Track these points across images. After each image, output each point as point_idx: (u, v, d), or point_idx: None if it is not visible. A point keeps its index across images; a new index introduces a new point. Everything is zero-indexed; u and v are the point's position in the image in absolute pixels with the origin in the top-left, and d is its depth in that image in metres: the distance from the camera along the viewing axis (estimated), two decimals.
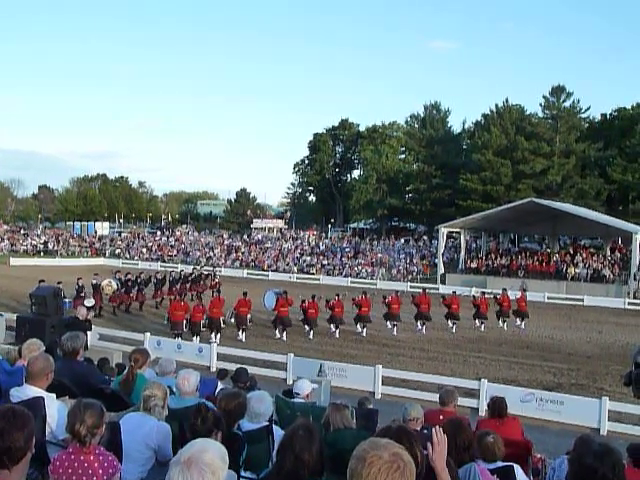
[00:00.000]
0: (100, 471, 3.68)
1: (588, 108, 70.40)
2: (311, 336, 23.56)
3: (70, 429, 3.78)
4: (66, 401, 5.29)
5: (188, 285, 33.37)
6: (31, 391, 4.93)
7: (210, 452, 2.40)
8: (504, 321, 28.32)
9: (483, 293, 29.89)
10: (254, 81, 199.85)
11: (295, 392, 7.43)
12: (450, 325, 26.79)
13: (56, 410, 4.83)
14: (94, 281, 28.10)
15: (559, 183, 65.38)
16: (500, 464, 5.14)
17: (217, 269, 43.70)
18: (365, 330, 24.76)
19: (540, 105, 70.27)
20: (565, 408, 13.70)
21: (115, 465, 3.76)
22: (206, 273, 37.01)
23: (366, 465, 2.12)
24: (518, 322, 28.63)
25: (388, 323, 25.77)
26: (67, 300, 24.65)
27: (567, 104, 68.56)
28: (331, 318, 24.45)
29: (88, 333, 15.59)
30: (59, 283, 23.13)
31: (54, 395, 5.08)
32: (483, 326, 27.45)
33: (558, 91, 68.49)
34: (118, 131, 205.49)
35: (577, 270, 45.94)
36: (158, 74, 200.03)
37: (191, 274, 35.49)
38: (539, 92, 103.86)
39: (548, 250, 52.96)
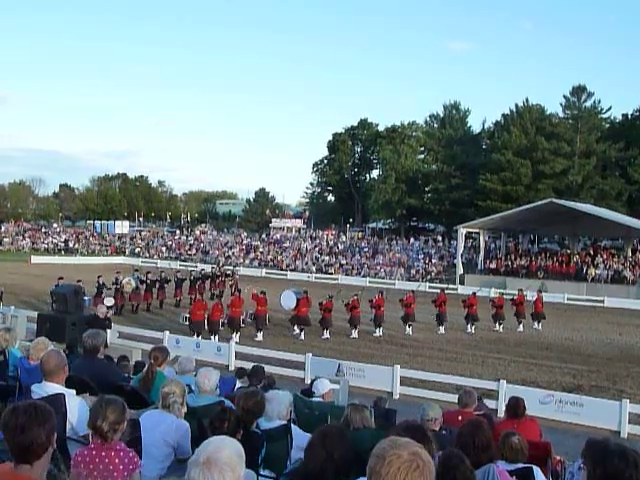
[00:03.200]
0: (121, 467, 3.71)
1: (609, 108, 69.79)
2: (327, 336, 23.52)
3: (92, 425, 3.82)
4: (86, 398, 5.34)
5: (208, 284, 33.45)
6: (51, 388, 4.98)
7: (227, 450, 2.41)
8: (520, 322, 28.08)
9: (502, 294, 29.68)
10: (274, 81, 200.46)
11: (313, 391, 7.44)
12: (469, 329, 26.55)
13: (76, 407, 4.88)
14: (116, 277, 28.31)
15: (579, 183, 64.77)
16: (520, 465, 5.11)
17: (236, 268, 43.45)
18: (381, 330, 24.70)
19: (561, 105, 69.78)
20: (585, 410, 13.57)
21: (136, 462, 3.80)
22: (228, 272, 36.97)
23: (385, 464, 2.12)
24: (535, 325, 28.39)
25: (407, 327, 25.51)
26: (87, 298, 24.89)
27: (588, 104, 67.94)
28: (351, 319, 24.32)
29: (108, 331, 15.73)
30: (79, 281, 23.36)
31: (74, 391, 5.13)
32: (502, 327, 27.29)
33: (579, 91, 67.88)
34: (138, 131, 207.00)
35: (597, 271, 45.55)
36: (178, 74, 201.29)
37: (211, 273, 35.55)
38: (560, 92, 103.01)
39: (568, 251, 52.56)
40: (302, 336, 23.11)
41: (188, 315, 23.23)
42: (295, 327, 23.68)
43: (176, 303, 30.28)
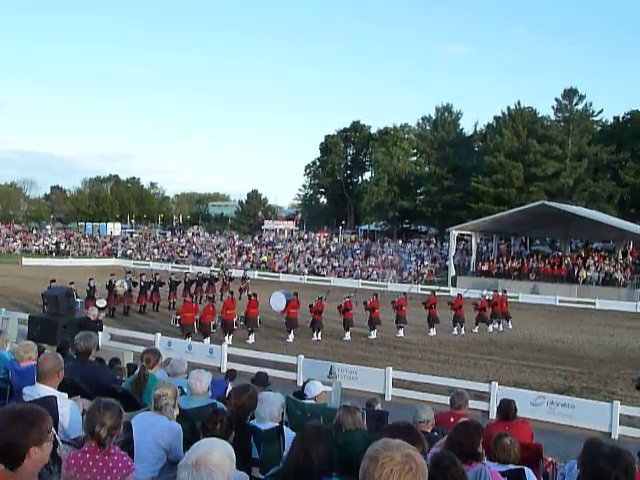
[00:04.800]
0: (114, 471, 3.69)
1: (601, 111, 70.19)
2: (319, 338, 23.51)
3: (89, 430, 3.79)
4: (78, 400, 5.33)
5: (205, 286, 33.12)
6: (43, 390, 4.97)
7: (217, 452, 2.42)
8: (499, 322, 28.48)
9: (483, 295, 29.89)
10: (266, 83, 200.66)
11: (306, 393, 7.43)
12: (455, 331, 26.65)
13: (68, 409, 4.87)
14: (109, 279, 28.19)
15: (571, 186, 65.06)
16: (511, 467, 5.13)
17: (247, 272, 41.87)
18: (375, 332, 24.68)
19: (552, 108, 70.12)
20: (576, 412, 13.62)
21: (129, 465, 3.78)
22: (232, 276, 36.22)
23: (379, 466, 2.13)
24: (501, 326, 28.62)
25: (398, 329, 25.48)
26: (79, 300, 24.78)
27: (579, 107, 68.26)
28: (344, 322, 24.30)
29: (99, 333, 15.66)
30: (71, 283, 23.28)
31: (66, 394, 5.11)
32: (480, 327, 27.54)
33: (570, 94, 68.18)
34: (131, 133, 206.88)
35: (589, 273, 45.72)
36: (171, 76, 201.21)
37: (209, 276, 35.18)
38: (551, 95, 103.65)
39: (560, 253, 52.75)
40: (291, 338, 23.08)
41: (178, 317, 23.18)
42: (290, 334, 23.46)
43: (170, 305, 30.10)
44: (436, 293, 28.75)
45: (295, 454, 3.62)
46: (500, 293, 30.21)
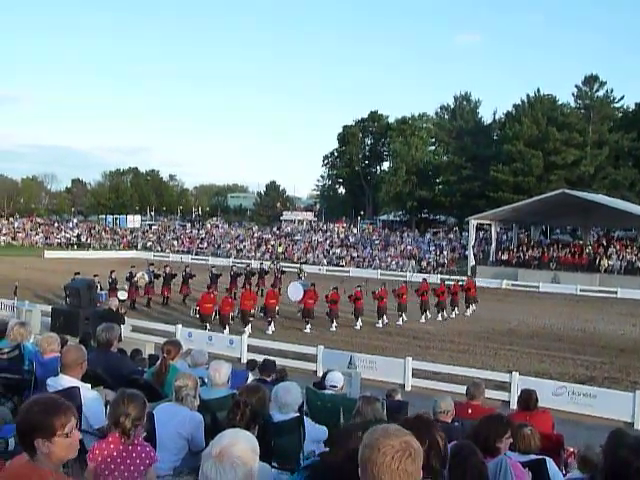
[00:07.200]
0: (137, 461, 3.75)
1: (622, 97, 69.24)
2: (336, 324, 23.61)
3: (114, 421, 3.84)
4: (101, 391, 5.39)
5: (255, 279, 32.30)
6: (66, 381, 5.03)
7: (241, 444, 2.42)
8: (468, 307, 29.27)
9: (458, 281, 30.26)
10: (284, 74, 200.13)
11: (326, 384, 7.46)
12: (439, 316, 27.35)
13: (91, 400, 4.93)
14: (130, 271, 28.34)
15: (592, 174, 64.34)
16: (532, 457, 5.10)
17: (302, 266, 40.71)
18: (383, 321, 24.89)
19: (572, 95, 69.37)
20: (598, 402, 13.54)
21: (152, 456, 3.84)
22: (284, 270, 35.57)
23: (380, 454, 2.23)
24: (468, 311, 29.19)
25: (400, 319, 25.80)
26: (103, 292, 25.04)
27: (600, 93, 67.45)
28: (355, 311, 24.46)
29: (121, 325, 15.80)
30: (95, 276, 23.52)
31: (89, 385, 5.17)
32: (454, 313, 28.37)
33: (591, 80, 67.38)
34: (150, 126, 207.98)
35: (610, 262, 45.28)
36: (189, 70, 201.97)
37: (259, 269, 35.08)
38: (571, 82, 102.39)
39: (580, 242, 52.27)
40: (308, 329, 23.14)
41: (198, 308, 23.40)
42: (306, 325, 23.60)
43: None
44: (427, 280, 29.52)
45: (336, 452, 3.61)
46: (467, 279, 31.24)
